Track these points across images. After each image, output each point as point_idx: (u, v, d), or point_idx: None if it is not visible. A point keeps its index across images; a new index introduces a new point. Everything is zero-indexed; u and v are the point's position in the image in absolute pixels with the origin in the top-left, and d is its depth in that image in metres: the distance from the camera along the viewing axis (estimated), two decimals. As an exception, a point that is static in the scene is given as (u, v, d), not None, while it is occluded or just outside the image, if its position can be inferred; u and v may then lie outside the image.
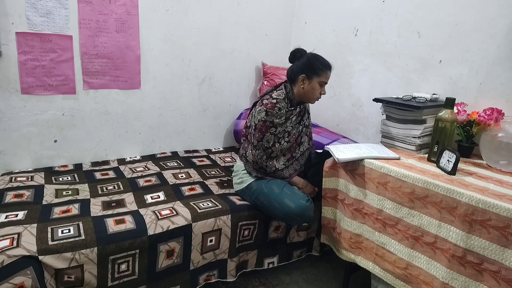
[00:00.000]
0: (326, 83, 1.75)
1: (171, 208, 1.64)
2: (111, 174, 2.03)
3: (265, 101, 1.71)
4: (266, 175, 1.77)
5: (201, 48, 2.40)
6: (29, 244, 1.29)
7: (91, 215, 1.54)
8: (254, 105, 1.80)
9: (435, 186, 1.29)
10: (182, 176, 2.05)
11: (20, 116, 1.92)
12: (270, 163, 1.74)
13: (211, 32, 2.41)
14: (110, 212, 1.59)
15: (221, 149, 2.65)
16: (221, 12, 2.41)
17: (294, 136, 1.77)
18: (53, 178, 1.90)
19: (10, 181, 1.78)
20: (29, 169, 1.97)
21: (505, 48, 1.60)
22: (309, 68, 1.70)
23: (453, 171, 1.36)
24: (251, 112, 1.80)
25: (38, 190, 1.72)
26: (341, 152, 1.62)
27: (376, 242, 1.54)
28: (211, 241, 1.64)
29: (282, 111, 1.70)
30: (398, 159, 1.55)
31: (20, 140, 1.95)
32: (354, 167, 1.59)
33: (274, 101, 1.69)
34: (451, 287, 1.26)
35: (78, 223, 1.45)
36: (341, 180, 1.68)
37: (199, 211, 1.64)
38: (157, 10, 2.17)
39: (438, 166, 1.45)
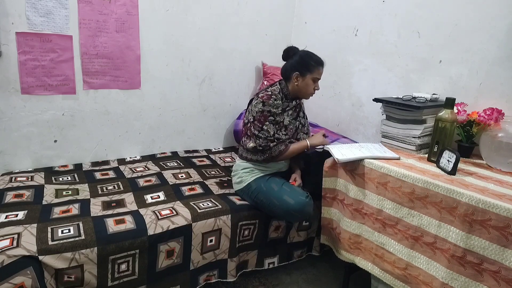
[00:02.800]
0: (319, 79, 1.79)
1: (171, 208, 1.64)
2: (111, 174, 2.03)
3: (260, 95, 1.75)
4: (271, 157, 1.75)
5: (201, 48, 2.40)
6: (29, 244, 1.29)
7: (91, 215, 1.55)
8: (250, 102, 1.83)
9: (435, 186, 1.29)
10: (182, 176, 2.05)
11: (20, 116, 1.92)
12: (275, 148, 1.74)
13: (211, 32, 2.40)
14: (110, 212, 1.59)
15: (221, 149, 2.65)
16: (221, 12, 2.41)
17: (291, 131, 1.79)
18: (53, 178, 1.90)
19: (10, 181, 1.78)
20: (29, 169, 1.97)
21: (505, 48, 1.60)
22: (302, 65, 1.74)
23: (453, 171, 1.36)
24: (247, 109, 1.82)
25: (38, 190, 1.72)
26: (340, 152, 1.61)
27: (375, 243, 1.53)
28: (211, 241, 1.64)
29: (278, 101, 1.74)
30: (398, 159, 1.55)
31: (20, 140, 1.95)
32: (354, 167, 1.59)
33: (269, 93, 1.74)
34: (450, 287, 1.26)
35: (78, 223, 1.45)
36: (341, 180, 1.68)
37: (199, 211, 1.64)
38: (157, 10, 2.17)
39: (438, 166, 1.45)
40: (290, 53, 1.79)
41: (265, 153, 1.75)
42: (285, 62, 1.82)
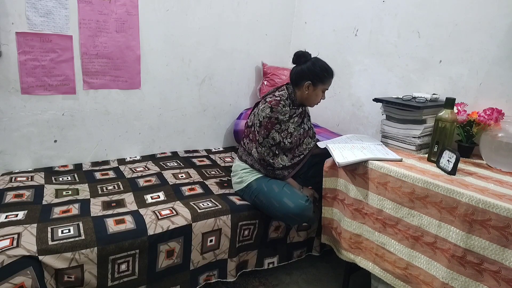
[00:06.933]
0: (328, 89, 1.80)
1: (171, 208, 1.64)
2: (111, 174, 2.03)
3: (268, 99, 1.74)
4: (275, 172, 1.77)
5: (201, 48, 2.40)
6: (29, 244, 1.29)
7: (91, 215, 1.54)
8: (256, 105, 1.81)
9: (435, 186, 1.29)
10: (182, 176, 2.05)
11: (20, 116, 1.92)
12: (277, 160, 1.75)
13: (211, 32, 2.41)
14: (110, 212, 1.59)
15: (221, 149, 2.65)
16: (221, 12, 2.41)
17: (295, 138, 1.78)
18: (53, 178, 1.90)
19: (10, 181, 1.78)
20: (29, 169, 1.97)
21: (505, 48, 1.60)
22: (315, 76, 1.72)
23: (453, 171, 1.36)
24: (252, 112, 1.81)
25: (38, 190, 1.72)
26: (342, 154, 1.61)
27: (376, 242, 1.54)
28: (211, 241, 1.64)
29: (286, 108, 1.73)
30: (400, 160, 1.55)
31: (20, 140, 1.95)
32: (354, 167, 1.59)
33: (278, 98, 1.73)
34: (451, 287, 1.26)
35: (78, 223, 1.45)
36: (341, 180, 1.68)
37: (199, 211, 1.64)
38: (157, 10, 2.17)
39: (438, 166, 1.45)
40: (301, 58, 1.75)
41: (267, 171, 1.77)
42: (294, 65, 1.78)
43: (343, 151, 1.64)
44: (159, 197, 1.77)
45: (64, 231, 1.39)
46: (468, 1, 1.71)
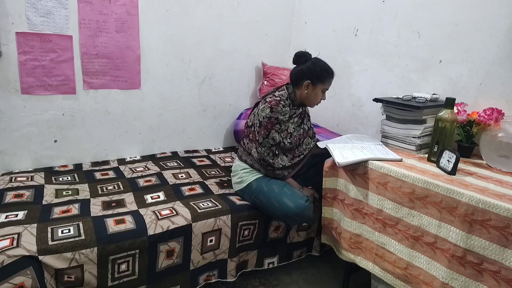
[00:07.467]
0: (328, 89, 1.79)
1: (171, 208, 1.64)
2: (111, 174, 2.03)
3: (268, 99, 1.74)
4: (275, 172, 1.77)
5: (201, 48, 2.40)
6: (29, 244, 1.29)
7: (91, 215, 1.54)
8: (256, 105, 1.81)
9: (435, 186, 1.29)
10: (182, 176, 2.05)
11: (20, 116, 1.92)
12: (277, 160, 1.75)
13: (211, 32, 2.41)
14: (110, 212, 1.59)
15: (221, 149, 2.65)
16: (221, 12, 2.41)
17: (295, 138, 1.78)
18: (53, 178, 1.90)
19: (10, 181, 1.78)
20: (29, 169, 1.97)
21: (505, 48, 1.60)
22: (315, 75, 1.72)
23: (453, 171, 1.36)
24: (252, 112, 1.81)
25: (38, 190, 1.72)
26: (342, 154, 1.61)
27: (376, 242, 1.54)
28: (211, 241, 1.64)
29: (286, 108, 1.73)
30: (400, 160, 1.55)
31: (20, 140, 1.95)
32: (354, 167, 1.59)
33: (278, 98, 1.73)
34: (451, 287, 1.26)
35: (78, 223, 1.45)
36: (341, 180, 1.68)
37: (199, 211, 1.64)
38: (157, 10, 2.17)
39: (438, 166, 1.45)
40: (302, 58, 1.76)
41: (267, 171, 1.77)
42: (295, 66, 1.79)
43: (343, 151, 1.64)
44: (159, 197, 1.77)
45: (64, 231, 1.39)
46: (468, 1, 1.71)
